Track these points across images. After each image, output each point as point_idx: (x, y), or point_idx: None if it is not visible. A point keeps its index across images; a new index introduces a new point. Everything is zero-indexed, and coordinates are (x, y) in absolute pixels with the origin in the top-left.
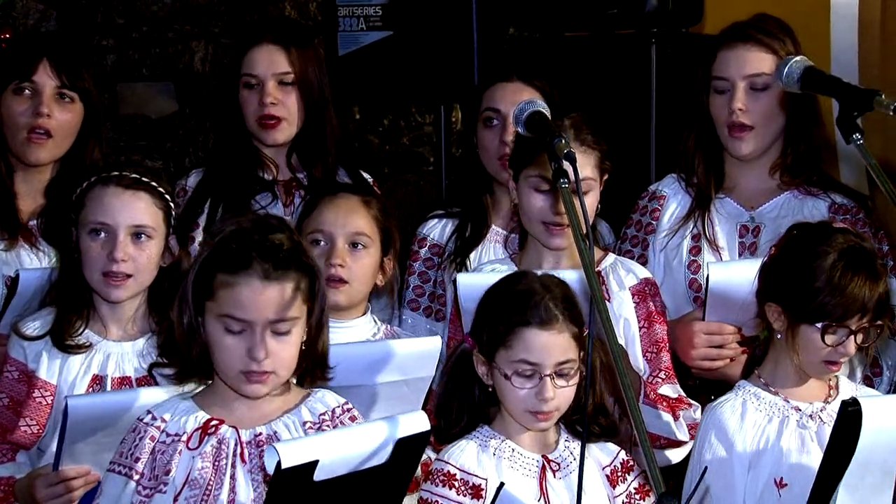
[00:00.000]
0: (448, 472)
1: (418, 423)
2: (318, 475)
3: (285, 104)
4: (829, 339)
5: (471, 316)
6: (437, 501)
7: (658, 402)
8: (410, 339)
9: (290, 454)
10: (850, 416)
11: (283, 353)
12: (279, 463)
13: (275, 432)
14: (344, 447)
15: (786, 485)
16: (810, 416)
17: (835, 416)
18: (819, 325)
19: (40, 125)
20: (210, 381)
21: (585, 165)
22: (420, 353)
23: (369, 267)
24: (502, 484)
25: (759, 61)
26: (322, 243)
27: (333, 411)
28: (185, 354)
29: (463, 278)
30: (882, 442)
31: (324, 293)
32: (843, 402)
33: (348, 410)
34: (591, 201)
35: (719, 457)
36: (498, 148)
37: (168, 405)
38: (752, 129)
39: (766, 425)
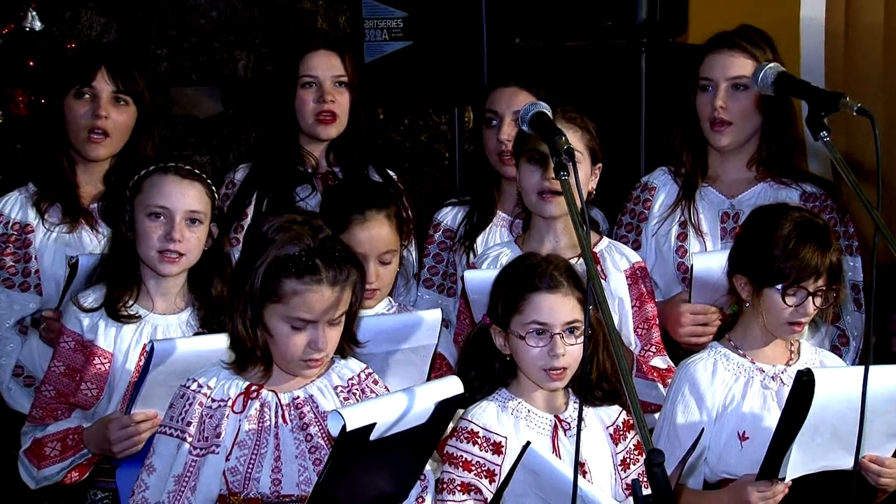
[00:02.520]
0: (472, 430)
1: (454, 387)
2: (373, 435)
3: (340, 103)
4: (790, 300)
5: (478, 305)
6: (462, 456)
7: (649, 373)
8: (414, 313)
9: (353, 418)
10: (804, 386)
11: (335, 338)
12: (344, 426)
13: (310, 395)
14: (395, 410)
15: (747, 438)
16: (772, 377)
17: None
18: (779, 286)
19: (99, 126)
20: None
21: (572, 140)
22: (423, 324)
23: (394, 272)
24: (528, 443)
25: (741, 66)
26: None
27: (359, 376)
28: (249, 349)
29: (469, 274)
30: (831, 409)
31: (363, 286)
32: (799, 373)
33: (370, 375)
34: (581, 175)
35: (690, 408)
36: (496, 145)
37: (210, 374)
38: (731, 125)
39: (732, 384)
